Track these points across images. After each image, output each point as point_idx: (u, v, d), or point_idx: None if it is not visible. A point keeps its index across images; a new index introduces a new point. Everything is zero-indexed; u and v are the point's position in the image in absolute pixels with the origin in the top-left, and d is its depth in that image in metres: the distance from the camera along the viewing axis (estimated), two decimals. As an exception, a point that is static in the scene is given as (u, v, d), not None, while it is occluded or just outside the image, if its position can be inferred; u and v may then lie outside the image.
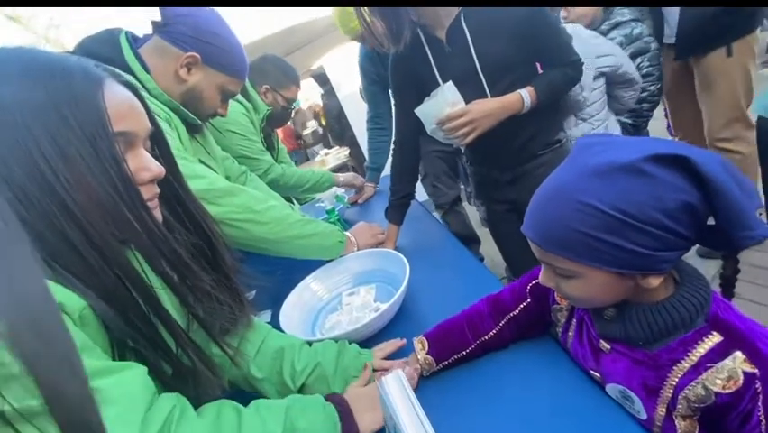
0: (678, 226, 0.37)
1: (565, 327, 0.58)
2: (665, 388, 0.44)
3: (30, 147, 0.38)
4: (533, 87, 0.90)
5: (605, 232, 0.38)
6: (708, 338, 0.41)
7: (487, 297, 0.67)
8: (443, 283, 0.90)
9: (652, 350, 0.45)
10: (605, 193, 0.38)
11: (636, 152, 0.37)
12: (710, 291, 0.44)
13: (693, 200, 0.37)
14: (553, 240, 0.42)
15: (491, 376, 0.60)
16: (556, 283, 0.47)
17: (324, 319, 0.90)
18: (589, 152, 0.41)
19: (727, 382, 0.39)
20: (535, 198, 0.45)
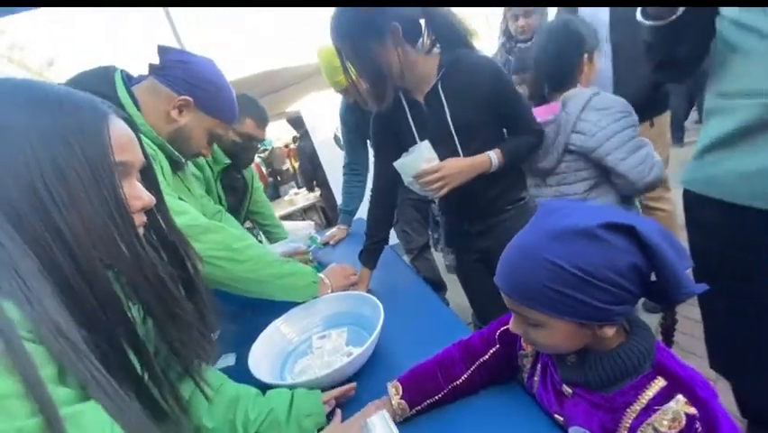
0: (627, 283, 0.43)
1: (531, 372, 0.62)
2: (620, 429, 0.48)
3: (31, 169, 0.39)
4: (500, 150, 1.00)
5: (567, 287, 0.44)
6: (655, 383, 0.46)
7: (458, 342, 0.70)
8: (413, 327, 0.92)
9: (608, 393, 0.49)
10: (567, 254, 0.44)
11: (592, 219, 0.44)
12: (654, 340, 0.50)
13: (638, 261, 0.43)
14: (523, 293, 0.47)
15: (463, 422, 0.62)
16: (525, 331, 0.51)
17: (294, 363, 0.88)
18: (552, 216, 0.48)
19: (673, 423, 0.44)
20: (506, 254, 0.50)
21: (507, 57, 1.93)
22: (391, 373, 0.70)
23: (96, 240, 0.41)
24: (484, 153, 0.99)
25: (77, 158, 0.41)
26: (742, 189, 0.77)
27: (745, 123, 0.73)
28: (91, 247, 0.41)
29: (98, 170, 0.42)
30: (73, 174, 0.40)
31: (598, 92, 1.16)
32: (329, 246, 1.72)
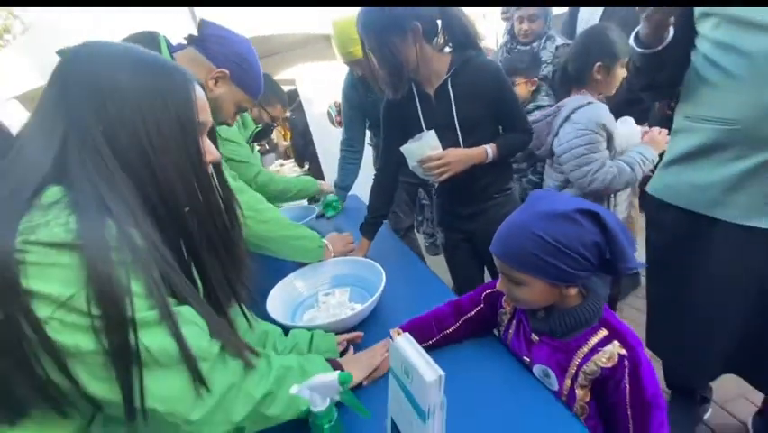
0: (589, 255, 0.58)
1: (507, 326, 0.77)
2: (571, 366, 0.64)
3: (137, 121, 0.48)
4: (495, 144, 1.14)
5: (547, 255, 0.58)
6: (600, 332, 0.63)
7: (449, 302, 0.85)
8: (406, 291, 1.06)
9: (565, 340, 0.65)
10: (549, 229, 0.58)
11: (569, 205, 0.59)
12: (603, 304, 0.66)
13: (599, 240, 0.58)
14: (513, 257, 0.62)
15: (450, 361, 0.76)
16: (509, 288, 0.66)
17: (303, 313, 1.01)
18: (540, 201, 0.62)
19: (608, 360, 0.60)
20: (502, 228, 0.65)
21: (507, 56, 2.06)
22: (389, 326, 0.83)
23: (180, 181, 0.51)
24: (481, 146, 1.13)
25: (171, 114, 0.50)
26: (696, 199, 0.92)
27: (703, 143, 0.88)
28: (175, 187, 0.51)
29: (186, 126, 0.51)
30: (167, 127, 0.49)
31: (586, 105, 1.29)
32: (324, 219, 1.83)
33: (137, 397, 0.45)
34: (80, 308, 0.40)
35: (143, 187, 0.49)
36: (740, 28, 0.77)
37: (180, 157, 0.51)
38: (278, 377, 0.58)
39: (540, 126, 1.39)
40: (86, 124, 0.46)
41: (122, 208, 0.46)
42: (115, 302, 0.42)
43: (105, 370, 0.43)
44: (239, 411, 0.53)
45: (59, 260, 0.40)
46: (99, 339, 0.41)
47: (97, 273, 0.41)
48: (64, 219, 0.42)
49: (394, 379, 0.53)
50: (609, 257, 0.60)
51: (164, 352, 0.46)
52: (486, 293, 0.80)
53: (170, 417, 0.47)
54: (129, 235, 0.45)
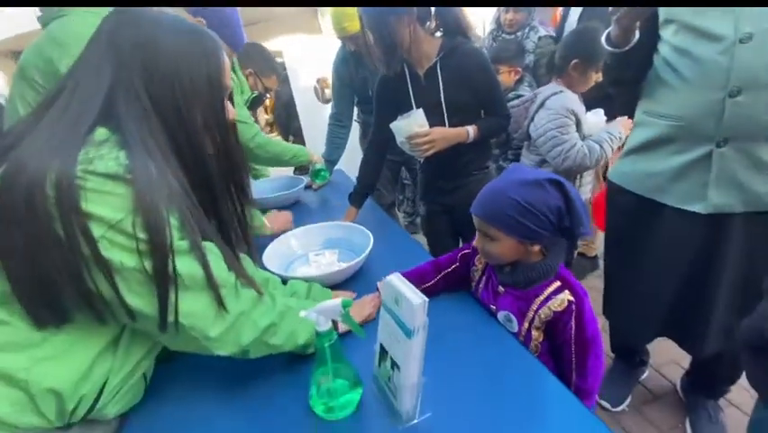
0: (552, 217, 0.71)
1: (478, 281, 0.90)
2: (529, 311, 0.77)
3: (173, 75, 0.55)
4: (477, 126, 1.25)
5: (518, 215, 0.70)
6: (554, 284, 0.76)
7: (429, 261, 0.97)
8: (391, 254, 1.17)
9: (525, 290, 0.78)
10: (522, 193, 0.70)
11: (540, 175, 0.71)
12: (560, 262, 0.79)
13: (561, 205, 0.71)
14: (490, 216, 0.74)
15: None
16: (483, 244, 0.78)
17: (295, 270, 1.10)
18: (515, 172, 0.75)
19: (560, 305, 0.74)
20: (482, 193, 0.77)
21: (492, 43, 2.16)
22: (375, 283, 0.95)
23: (205, 131, 0.59)
24: (464, 127, 1.24)
25: (203, 73, 0.58)
26: (646, 185, 1.05)
27: (656, 136, 1.00)
28: (201, 136, 0.59)
29: (214, 84, 0.59)
30: (198, 84, 0.57)
31: (558, 93, 1.42)
32: (311, 190, 1.90)
33: (171, 312, 0.54)
34: (127, 231, 0.48)
35: (174, 134, 0.56)
36: (695, 36, 0.88)
37: (207, 110, 0.59)
38: (280, 312, 0.67)
39: (518, 111, 1.51)
40: (130, 75, 0.53)
41: (158, 151, 0.53)
42: (157, 230, 0.50)
43: (142, 286, 0.51)
44: (246, 336, 0.62)
45: (113, 189, 0.48)
46: (140, 259, 0.50)
47: (143, 204, 0.49)
48: (115, 155, 0.49)
49: (385, 310, 0.64)
50: (568, 222, 0.72)
51: (193, 276, 0.54)
52: (461, 254, 0.92)
53: (192, 331, 0.56)
54: (165, 174, 0.52)
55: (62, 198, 0.45)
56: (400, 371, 0.61)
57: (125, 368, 0.59)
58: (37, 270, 0.47)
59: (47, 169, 0.45)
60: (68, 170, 0.46)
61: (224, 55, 0.62)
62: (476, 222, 0.78)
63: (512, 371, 0.71)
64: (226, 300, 0.58)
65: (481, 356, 0.75)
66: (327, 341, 0.61)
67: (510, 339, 0.78)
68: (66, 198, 0.45)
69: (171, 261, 0.52)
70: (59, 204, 0.45)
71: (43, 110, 0.52)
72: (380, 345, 0.66)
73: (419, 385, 0.61)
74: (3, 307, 0.50)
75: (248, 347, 0.63)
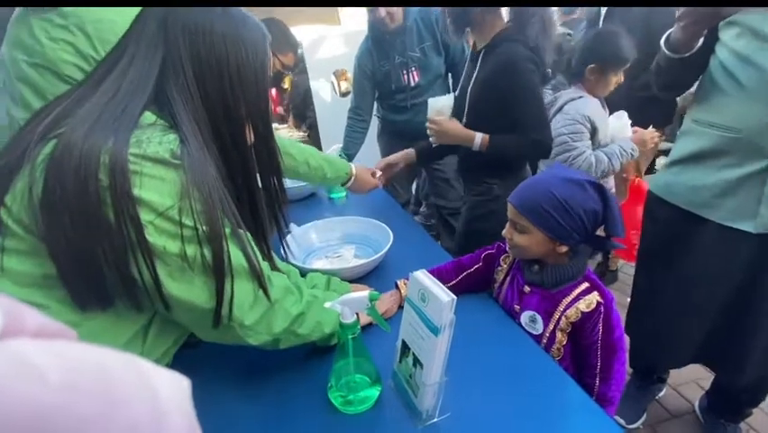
0: (587, 220, 0.71)
1: (501, 282, 0.90)
2: (556, 312, 0.77)
3: (222, 62, 0.55)
4: (488, 138, 1.14)
5: (554, 210, 0.71)
6: (583, 285, 0.76)
7: (451, 260, 0.97)
8: (408, 252, 1.16)
9: (553, 290, 0.78)
10: (561, 190, 0.71)
11: (582, 176, 0.72)
12: (587, 264, 0.78)
13: (598, 209, 0.71)
14: (526, 207, 0.74)
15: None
16: (512, 235, 0.78)
17: (312, 264, 1.11)
18: (560, 169, 0.76)
19: (588, 306, 0.73)
20: (525, 183, 0.78)
21: None
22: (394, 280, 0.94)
23: (249, 120, 0.60)
24: (473, 132, 1.15)
25: (250, 62, 0.58)
26: (690, 199, 0.99)
27: (705, 147, 0.94)
28: (244, 125, 0.60)
29: (260, 74, 0.59)
30: (245, 72, 0.57)
31: (577, 98, 1.41)
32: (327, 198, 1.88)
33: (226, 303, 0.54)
34: (174, 218, 0.49)
35: (217, 121, 0.57)
36: (759, 42, 0.82)
37: (251, 99, 0.59)
38: (308, 302, 0.68)
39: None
40: (181, 59, 0.53)
41: (200, 137, 0.54)
42: (210, 218, 0.50)
43: (184, 273, 0.51)
44: (278, 325, 0.63)
45: (164, 174, 0.48)
46: (183, 246, 0.50)
47: (193, 190, 0.49)
48: (164, 139, 0.50)
49: (410, 306, 0.64)
50: (600, 229, 0.72)
51: (237, 264, 0.55)
52: (485, 254, 0.92)
53: (231, 320, 0.57)
54: (207, 160, 0.53)
55: (115, 182, 0.45)
56: (423, 368, 0.61)
57: (153, 355, 0.60)
58: (84, 253, 0.47)
59: (99, 151, 0.46)
60: (120, 153, 0.46)
61: (269, 44, 0.62)
62: (510, 211, 0.78)
63: (533, 374, 0.71)
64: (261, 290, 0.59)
65: (502, 358, 0.75)
66: (351, 333, 0.62)
67: (531, 342, 0.78)
68: (118, 182, 0.46)
69: (227, 250, 0.52)
70: (111, 188, 0.45)
71: (91, 89, 0.52)
72: (402, 341, 0.66)
73: (441, 384, 0.61)
74: (42, 290, 0.50)
75: (279, 336, 0.64)
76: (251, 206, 0.66)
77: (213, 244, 0.51)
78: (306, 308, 0.67)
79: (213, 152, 0.56)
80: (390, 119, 2.06)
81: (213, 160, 0.55)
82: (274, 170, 0.68)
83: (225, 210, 0.54)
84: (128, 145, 0.47)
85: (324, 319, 0.70)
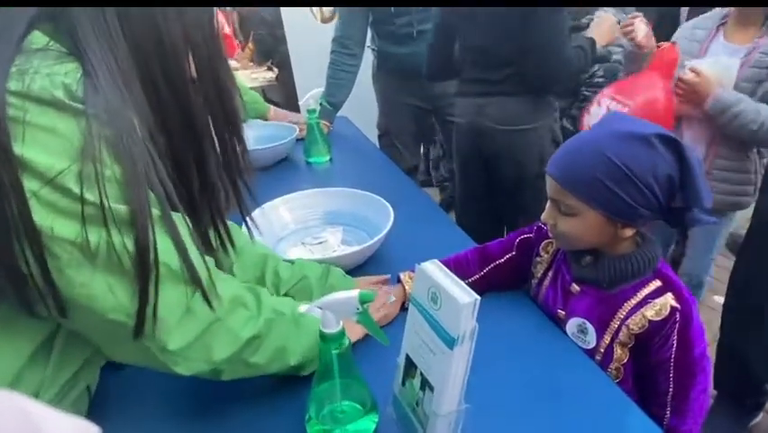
0: (659, 191, 0.68)
1: (541, 278, 0.89)
2: (614, 320, 0.76)
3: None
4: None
5: (612, 181, 0.68)
6: (652, 283, 0.75)
7: (475, 247, 0.95)
8: (416, 236, 1.15)
9: (612, 291, 0.77)
10: (621, 151, 0.68)
11: (649, 128, 0.68)
12: (660, 254, 0.77)
13: (674, 174, 0.68)
14: (572, 179, 0.72)
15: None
16: (555, 220, 0.76)
17: (285, 253, 1.10)
18: (617, 121, 0.72)
19: (659, 312, 0.72)
20: (568, 144, 0.75)
21: None
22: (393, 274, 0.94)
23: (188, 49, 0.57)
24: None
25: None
26: None
27: None
28: (182, 56, 0.56)
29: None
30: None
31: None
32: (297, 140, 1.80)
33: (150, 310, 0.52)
34: (67, 188, 0.46)
35: (140, 45, 0.53)
36: None
37: (190, 21, 0.56)
38: (268, 320, 0.66)
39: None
40: None
41: (117, 69, 0.51)
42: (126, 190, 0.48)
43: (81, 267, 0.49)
44: (221, 350, 0.61)
45: (56, 123, 0.45)
46: (83, 229, 0.47)
47: (98, 150, 0.46)
48: (62, 70, 0.46)
49: (416, 308, 0.63)
50: (680, 200, 0.70)
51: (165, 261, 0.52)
52: (520, 239, 0.91)
53: (144, 339, 0.54)
54: (126, 105, 0.50)
55: None
56: (434, 393, 0.60)
57: (61, 378, 0.59)
58: None
59: None
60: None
61: None
62: (549, 187, 0.76)
63: (585, 402, 0.70)
64: (198, 299, 0.57)
65: (542, 380, 0.75)
66: (336, 347, 0.61)
67: (583, 359, 0.78)
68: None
69: (152, 239, 0.50)
70: None
71: None
72: (406, 356, 0.66)
73: (459, 414, 0.61)
74: None
75: (221, 366, 0.62)
76: (199, 172, 0.63)
77: (131, 230, 0.49)
78: (265, 328, 0.65)
79: (135, 91, 0.53)
80: (390, 52, 2.03)
81: (135, 103, 0.52)
82: (230, 119, 0.64)
83: (152, 179, 0.51)
84: (6, 78, 0.44)
85: (289, 345, 0.68)
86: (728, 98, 1.32)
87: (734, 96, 1.33)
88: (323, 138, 1.69)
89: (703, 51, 1.48)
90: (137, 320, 0.52)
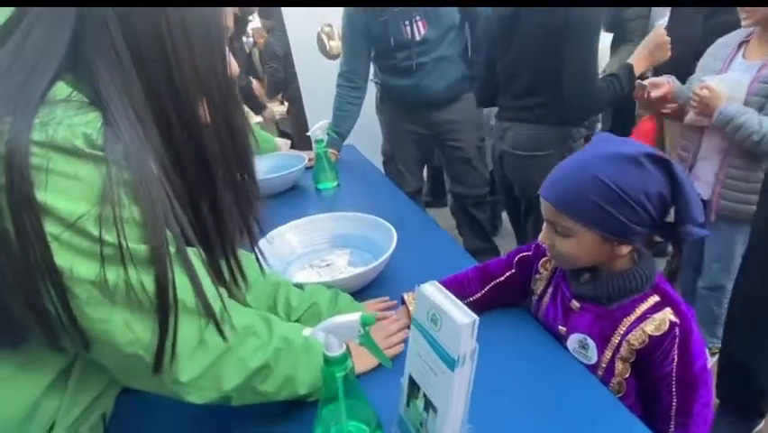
0: (651, 208, 0.68)
1: (541, 294, 0.88)
2: (615, 335, 0.74)
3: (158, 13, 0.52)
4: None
5: (605, 201, 0.68)
6: (651, 298, 0.73)
7: (475, 266, 0.95)
8: (420, 258, 1.15)
9: (610, 307, 0.75)
10: (612, 173, 0.68)
11: (638, 149, 0.68)
12: (656, 269, 0.76)
13: (665, 192, 0.68)
14: (566, 202, 0.71)
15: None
16: (552, 241, 0.76)
17: (294, 275, 1.10)
18: (606, 143, 0.72)
19: (658, 328, 0.71)
20: (560, 168, 0.75)
21: None
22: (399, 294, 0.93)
23: (202, 91, 0.57)
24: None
25: (197, 11, 0.55)
26: None
27: None
28: (196, 97, 0.57)
29: (213, 27, 0.57)
30: (192, 26, 0.54)
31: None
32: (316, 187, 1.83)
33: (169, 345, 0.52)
34: (87, 231, 0.46)
35: (157, 92, 0.54)
36: None
37: (205, 62, 0.56)
38: (277, 349, 0.65)
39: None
40: (104, 16, 0.50)
41: (135, 116, 0.51)
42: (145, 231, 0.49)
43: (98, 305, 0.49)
44: (231, 379, 0.61)
45: (78, 171, 0.45)
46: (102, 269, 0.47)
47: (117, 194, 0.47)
48: (84, 120, 0.47)
49: (417, 330, 0.63)
50: (672, 215, 0.69)
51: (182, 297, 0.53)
52: (519, 256, 0.90)
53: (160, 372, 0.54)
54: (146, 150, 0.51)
55: (12, 181, 0.43)
56: (437, 413, 0.59)
57: (78, 407, 0.59)
58: None
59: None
60: (19, 140, 0.44)
61: None
62: (545, 209, 0.75)
63: (589, 418, 0.69)
64: (210, 331, 0.57)
65: (546, 397, 0.73)
66: (340, 370, 0.60)
67: (585, 374, 0.76)
68: (16, 182, 0.43)
69: (171, 277, 0.50)
70: (8, 190, 0.43)
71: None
72: (410, 376, 0.65)
73: (463, 433, 0.60)
74: None
75: (231, 393, 0.62)
76: (213, 210, 0.63)
77: (150, 268, 0.50)
78: (274, 357, 0.65)
79: (153, 136, 0.54)
80: (392, 84, 2.05)
81: (152, 147, 0.53)
82: (242, 159, 0.65)
83: (168, 219, 0.52)
84: (30, 129, 0.45)
85: (298, 374, 0.68)
86: (732, 111, 1.35)
87: (737, 109, 1.35)
88: (330, 166, 1.71)
89: (725, 68, 1.50)
90: (156, 355, 0.53)
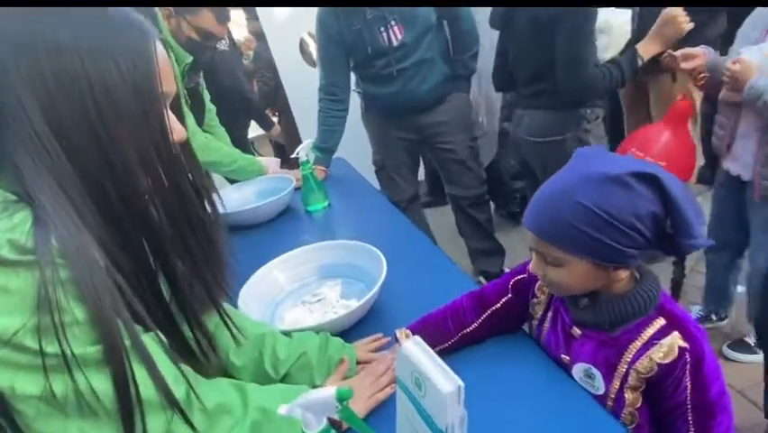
0: (644, 229, 0.60)
1: (541, 319, 0.80)
2: (621, 364, 0.67)
3: (82, 89, 0.47)
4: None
5: (592, 228, 0.60)
6: (656, 322, 0.65)
7: (470, 292, 0.87)
8: (415, 282, 1.08)
9: (614, 333, 0.68)
10: (596, 197, 0.60)
11: (622, 167, 0.60)
12: (660, 288, 0.68)
13: (657, 210, 0.60)
14: (551, 232, 0.64)
15: (471, 365, 0.79)
16: (544, 271, 0.68)
17: (284, 314, 1.03)
18: (587, 162, 0.64)
19: (667, 355, 0.63)
20: (538, 196, 0.66)
21: None
22: (393, 327, 0.85)
23: (139, 166, 0.51)
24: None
25: (125, 81, 0.49)
26: None
27: None
28: (134, 174, 0.51)
29: (145, 96, 0.50)
30: (120, 98, 0.49)
31: None
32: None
33: None
34: (25, 346, 0.41)
35: (93, 174, 0.49)
36: None
37: (139, 135, 0.51)
38: (254, 423, 0.58)
39: None
40: (19, 97, 0.45)
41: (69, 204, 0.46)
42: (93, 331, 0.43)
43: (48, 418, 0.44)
44: None
45: (7, 282, 0.41)
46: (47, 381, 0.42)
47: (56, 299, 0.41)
48: (10, 225, 0.42)
49: (403, 392, 0.56)
50: (670, 231, 0.61)
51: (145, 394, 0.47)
52: (514, 280, 0.83)
53: None
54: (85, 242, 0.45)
55: None
56: (434, 481, 0.52)
57: None
58: None
59: None
60: None
61: (157, 44, 0.53)
62: (530, 239, 0.68)
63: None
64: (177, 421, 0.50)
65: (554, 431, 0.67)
66: (322, 446, 0.53)
67: (594, 406, 0.69)
68: None
69: (130, 374, 0.45)
70: None
71: None
72: (403, 441, 0.58)
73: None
74: None
75: None
76: (170, 283, 0.57)
77: (106, 369, 0.44)
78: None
79: (91, 221, 0.48)
80: (374, 93, 1.97)
81: (92, 232, 0.47)
82: (194, 226, 0.58)
83: (119, 311, 0.46)
84: None
85: None
86: (762, 85, 1.24)
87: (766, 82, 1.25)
88: (318, 186, 1.63)
89: (763, 38, 1.37)
90: None
